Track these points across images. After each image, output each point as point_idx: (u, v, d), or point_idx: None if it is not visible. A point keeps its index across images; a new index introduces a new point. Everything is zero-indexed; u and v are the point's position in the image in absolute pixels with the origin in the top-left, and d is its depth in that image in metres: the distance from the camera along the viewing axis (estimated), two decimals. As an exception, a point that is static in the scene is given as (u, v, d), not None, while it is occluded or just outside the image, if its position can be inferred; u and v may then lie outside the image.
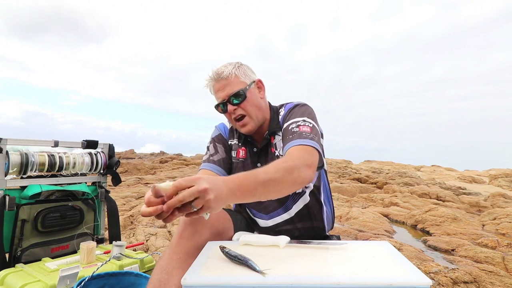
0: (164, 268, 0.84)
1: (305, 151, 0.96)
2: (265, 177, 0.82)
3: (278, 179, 0.84)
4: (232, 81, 1.11)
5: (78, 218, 1.59)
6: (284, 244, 0.86)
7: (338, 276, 0.65)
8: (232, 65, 1.14)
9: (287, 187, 0.88)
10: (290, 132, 1.04)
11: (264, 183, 0.81)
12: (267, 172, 0.84)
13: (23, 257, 1.38)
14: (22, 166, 1.41)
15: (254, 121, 1.13)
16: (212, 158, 1.20)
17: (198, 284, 0.64)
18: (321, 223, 1.19)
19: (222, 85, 1.11)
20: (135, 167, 10.17)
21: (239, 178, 0.79)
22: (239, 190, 0.77)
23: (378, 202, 5.69)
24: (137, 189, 5.63)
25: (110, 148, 1.78)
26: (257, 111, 1.14)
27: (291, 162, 0.89)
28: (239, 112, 1.12)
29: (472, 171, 13.63)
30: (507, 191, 6.69)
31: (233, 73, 1.11)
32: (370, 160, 19.37)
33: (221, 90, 1.11)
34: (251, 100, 1.12)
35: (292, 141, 0.99)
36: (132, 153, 19.77)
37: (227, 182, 0.76)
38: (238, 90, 1.10)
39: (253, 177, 0.81)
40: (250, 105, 1.12)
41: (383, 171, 10.77)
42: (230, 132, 1.27)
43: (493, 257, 2.52)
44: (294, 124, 1.06)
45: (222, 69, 1.12)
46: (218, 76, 1.11)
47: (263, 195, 0.84)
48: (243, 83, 1.12)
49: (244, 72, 1.14)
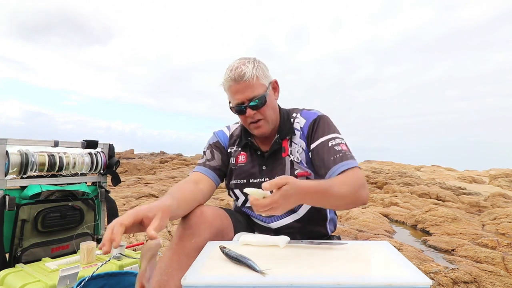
0: (164, 269, 0.84)
1: (359, 173, 1.00)
2: (333, 191, 0.90)
3: (343, 195, 0.91)
4: (253, 84, 1.05)
5: (78, 218, 1.59)
6: (284, 244, 0.86)
7: (338, 276, 0.65)
8: (251, 64, 1.06)
9: (346, 204, 0.96)
10: (333, 151, 1.03)
11: (331, 195, 0.90)
12: (334, 186, 0.91)
13: (23, 257, 1.38)
14: (22, 166, 1.41)
15: (269, 125, 1.12)
16: (209, 163, 1.18)
17: (198, 284, 0.64)
18: (324, 229, 1.18)
19: (242, 87, 1.05)
20: (135, 167, 10.17)
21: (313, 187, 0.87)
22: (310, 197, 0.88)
23: (378, 202, 5.69)
24: (137, 189, 5.63)
25: (110, 148, 1.78)
26: (274, 114, 1.12)
27: (354, 184, 0.95)
28: (258, 117, 1.08)
29: (472, 171, 13.63)
30: (507, 191, 6.69)
31: (254, 74, 1.05)
32: (370, 160, 19.37)
33: (240, 92, 1.06)
34: (270, 104, 1.10)
35: (341, 163, 1.00)
36: (132, 153, 19.76)
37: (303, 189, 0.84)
38: (259, 94, 1.06)
39: (323, 188, 0.89)
40: (269, 109, 1.09)
41: (383, 171, 10.77)
42: (230, 140, 1.24)
43: (493, 257, 2.52)
44: (334, 142, 1.05)
45: (243, 69, 1.04)
46: (239, 78, 1.04)
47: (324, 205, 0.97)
48: (263, 86, 1.08)
49: (263, 72, 1.09)
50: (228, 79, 1.07)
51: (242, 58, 1.10)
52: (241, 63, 1.07)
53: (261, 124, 1.10)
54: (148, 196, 5.17)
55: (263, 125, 1.10)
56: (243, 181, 1.16)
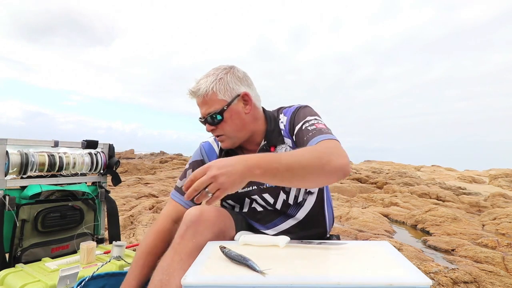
0: (165, 268, 0.84)
1: (332, 143, 0.91)
2: (290, 159, 0.79)
3: (303, 163, 0.79)
4: (208, 99, 1.03)
5: (78, 218, 1.59)
6: (284, 244, 0.86)
7: (338, 276, 0.65)
8: (212, 78, 1.03)
9: (314, 174, 0.81)
10: (307, 131, 0.99)
11: (288, 165, 0.78)
12: (292, 155, 0.81)
13: (23, 257, 1.38)
14: (22, 166, 1.41)
15: (232, 141, 1.09)
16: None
17: (198, 284, 0.64)
18: (324, 229, 1.17)
19: (200, 101, 1.05)
20: (135, 167, 10.17)
21: (258, 156, 0.79)
22: (258, 167, 0.76)
23: (378, 202, 5.69)
24: (137, 189, 5.63)
25: (110, 148, 1.78)
26: (237, 130, 1.08)
27: (319, 149, 0.86)
28: (217, 132, 1.08)
29: (472, 171, 13.63)
30: (507, 191, 6.69)
31: (210, 90, 1.02)
32: (370, 160, 19.37)
33: (200, 106, 1.06)
34: (230, 120, 1.05)
35: (314, 137, 0.94)
36: (132, 153, 19.77)
37: (242, 160, 0.77)
38: (214, 111, 1.03)
39: (275, 158, 0.79)
40: (229, 126, 1.06)
41: (383, 171, 10.77)
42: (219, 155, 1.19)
43: (493, 257, 2.52)
44: (308, 124, 1.01)
45: (200, 84, 1.04)
46: (194, 92, 1.05)
47: (287, 179, 0.80)
48: (221, 101, 1.03)
49: (226, 86, 1.03)
50: (187, 93, 1.08)
51: (214, 68, 1.08)
52: (205, 75, 1.06)
53: (223, 139, 1.09)
54: (148, 196, 5.17)
55: (224, 140, 1.09)
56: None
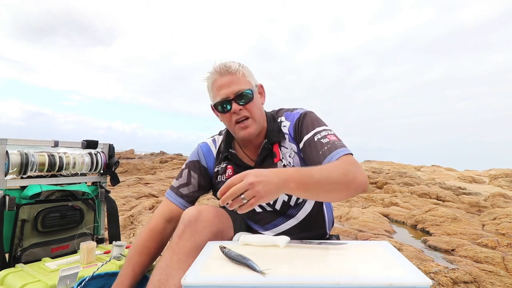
0: (164, 268, 0.84)
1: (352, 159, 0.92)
2: (321, 175, 0.82)
3: (332, 179, 0.83)
4: (239, 78, 1.02)
5: (78, 218, 1.59)
6: (284, 244, 0.86)
7: (338, 276, 0.65)
8: (237, 63, 1.05)
9: (340, 190, 0.85)
10: (321, 144, 0.98)
11: (319, 180, 0.81)
12: (322, 171, 0.84)
13: (23, 257, 1.38)
14: (22, 166, 1.41)
15: (257, 125, 1.06)
16: (181, 190, 1.13)
17: (198, 284, 0.64)
18: (323, 230, 1.17)
19: (228, 80, 1.01)
20: (135, 167, 10.16)
21: (293, 170, 0.82)
22: (292, 180, 0.78)
23: (378, 202, 5.69)
24: (137, 189, 5.63)
25: (110, 148, 1.78)
26: (261, 115, 1.08)
27: (344, 166, 0.87)
28: (244, 113, 1.03)
29: (472, 171, 13.63)
30: (507, 191, 6.69)
31: (240, 70, 1.03)
32: (370, 160, 19.37)
33: (226, 86, 1.01)
34: (257, 102, 1.06)
35: (331, 154, 0.94)
36: (132, 153, 19.77)
37: (279, 172, 0.79)
38: (246, 88, 1.02)
39: (308, 172, 0.82)
40: (256, 108, 1.05)
41: (383, 171, 10.77)
42: (217, 158, 1.17)
43: (493, 257, 2.52)
44: (320, 135, 1.01)
45: (229, 64, 1.03)
46: (225, 70, 1.02)
47: (316, 193, 0.84)
48: (249, 83, 1.05)
49: (249, 72, 1.07)
50: (213, 73, 1.04)
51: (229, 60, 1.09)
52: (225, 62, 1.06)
53: (248, 124, 1.03)
54: (148, 196, 5.17)
55: (250, 124, 1.04)
56: None
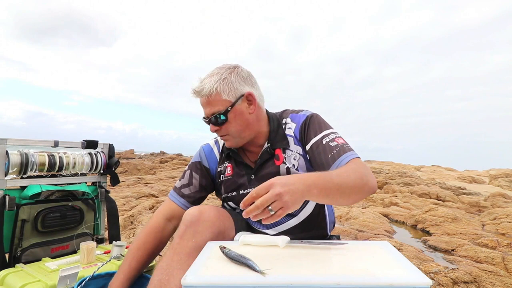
0: (165, 268, 0.84)
1: (362, 163, 0.94)
2: (339, 179, 0.83)
3: (351, 183, 0.84)
4: (212, 99, 1.02)
5: (78, 218, 1.59)
6: (284, 244, 0.86)
7: (338, 276, 0.65)
8: (216, 78, 1.03)
9: (356, 193, 0.87)
10: (330, 148, 0.99)
11: (338, 184, 0.82)
12: (340, 176, 0.84)
13: (23, 257, 1.38)
14: (22, 166, 1.41)
15: (236, 140, 1.09)
16: (183, 191, 1.16)
17: (198, 284, 0.64)
18: (325, 231, 1.17)
19: (203, 101, 1.05)
20: (135, 167, 10.16)
21: (315, 176, 0.81)
22: (315, 187, 0.78)
23: (378, 202, 5.69)
24: (137, 189, 5.63)
25: (110, 148, 1.78)
26: (241, 131, 1.07)
27: (358, 169, 0.89)
28: (221, 133, 1.08)
29: (472, 171, 13.63)
30: (507, 191, 6.69)
31: (214, 90, 1.01)
32: (370, 160, 19.37)
33: (203, 106, 1.06)
34: (234, 121, 1.05)
35: (340, 157, 0.96)
36: (132, 153, 19.77)
37: (303, 179, 0.78)
38: (218, 111, 1.03)
39: (328, 177, 0.82)
40: (233, 126, 1.05)
41: (383, 171, 10.77)
42: (220, 158, 1.20)
43: (493, 257, 2.52)
44: (328, 138, 1.02)
45: (204, 84, 1.03)
46: (197, 92, 1.05)
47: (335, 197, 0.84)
48: (225, 101, 1.02)
49: (230, 86, 1.03)
50: (191, 92, 1.07)
51: (218, 67, 1.08)
52: (209, 75, 1.06)
53: (227, 139, 1.09)
54: (148, 196, 5.17)
55: (228, 139, 1.09)
56: (234, 193, 1.14)
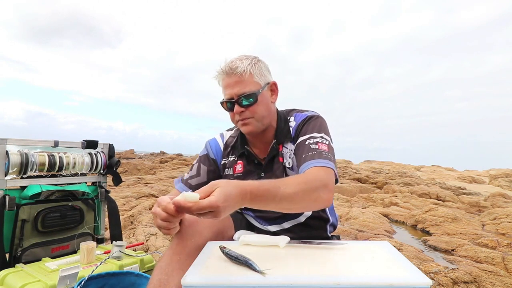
0: (164, 268, 0.84)
1: (324, 173, 0.91)
2: (285, 192, 0.79)
3: (296, 198, 0.81)
4: (245, 79, 1.01)
5: (78, 218, 1.59)
6: (284, 244, 0.86)
7: (338, 276, 0.65)
8: (248, 60, 1.03)
9: (302, 207, 0.86)
10: (308, 149, 0.98)
11: (282, 198, 0.78)
12: (288, 187, 0.80)
13: (23, 257, 1.38)
14: (22, 166, 1.41)
15: (258, 125, 1.06)
16: (190, 181, 1.16)
17: (198, 284, 0.64)
18: (325, 232, 1.16)
19: (233, 81, 1.01)
20: (135, 167, 10.16)
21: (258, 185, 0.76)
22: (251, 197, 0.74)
23: (378, 202, 5.69)
24: (137, 189, 5.63)
25: (110, 148, 1.78)
26: (265, 116, 1.06)
27: (312, 183, 0.85)
28: (246, 115, 1.03)
29: (472, 171, 13.63)
30: (507, 191, 6.69)
31: (248, 70, 1.00)
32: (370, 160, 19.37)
33: (231, 86, 1.02)
34: (261, 104, 1.04)
35: (311, 161, 0.94)
36: (132, 153, 19.77)
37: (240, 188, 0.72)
38: (249, 91, 1.00)
39: (273, 189, 0.78)
40: (260, 110, 1.04)
41: (383, 171, 10.77)
42: (224, 151, 1.19)
43: (493, 257, 2.52)
44: (312, 140, 1.00)
45: (237, 64, 1.01)
46: (230, 70, 1.00)
47: (275, 208, 0.81)
48: (256, 84, 1.02)
49: (260, 71, 1.04)
50: (220, 71, 1.03)
51: (243, 54, 1.07)
52: (237, 58, 1.04)
53: (249, 122, 1.04)
54: (148, 196, 5.17)
55: (250, 122, 1.05)
56: None
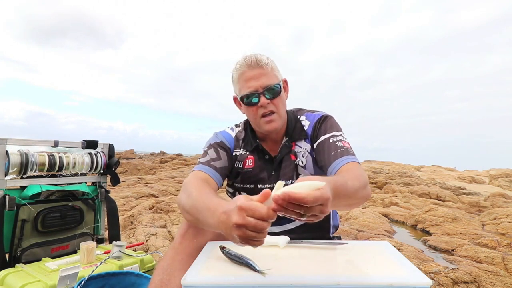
0: (166, 268, 0.84)
1: (361, 169, 0.94)
2: (353, 187, 0.80)
3: (358, 193, 0.83)
4: (269, 71, 1.03)
5: (78, 218, 1.60)
6: (284, 244, 0.86)
7: (338, 276, 0.65)
8: (265, 56, 1.05)
9: (357, 202, 0.86)
10: (335, 146, 1.00)
11: (350, 193, 0.79)
12: (351, 182, 0.81)
13: (23, 257, 1.38)
14: (22, 166, 1.41)
15: (280, 122, 1.07)
16: (214, 164, 1.08)
17: (198, 284, 0.64)
18: (327, 234, 1.17)
19: (257, 73, 1.02)
20: (135, 167, 10.16)
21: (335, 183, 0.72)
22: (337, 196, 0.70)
23: (378, 202, 5.69)
24: (137, 189, 5.63)
25: (110, 148, 1.78)
26: (284, 112, 1.09)
27: (361, 178, 0.87)
28: (271, 108, 1.04)
29: (472, 171, 13.63)
30: (507, 191, 6.69)
31: (270, 64, 1.04)
32: (370, 160, 19.37)
33: (255, 79, 1.02)
34: (283, 98, 1.07)
35: (342, 157, 0.96)
36: (132, 153, 19.78)
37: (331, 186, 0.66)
38: (275, 83, 1.03)
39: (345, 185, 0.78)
40: (281, 103, 1.06)
41: (383, 171, 10.77)
42: (236, 142, 1.18)
43: (493, 257, 2.51)
44: (336, 138, 1.03)
45: (259, 57, 1.03)
46: (255, 63, 1.01)
47: (339, 205, 0.83)
48: (277, 77, 1.06)
49: (277, 67, 1.08)
50: (242, 65, 1.03)
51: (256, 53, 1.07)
52: (255, 54, 1.05)
53: (274, 118, 1.05)
54: (148, 196, 5.17)
55: (275, 119, 1.05)
56: (251, 186, 1.13)
